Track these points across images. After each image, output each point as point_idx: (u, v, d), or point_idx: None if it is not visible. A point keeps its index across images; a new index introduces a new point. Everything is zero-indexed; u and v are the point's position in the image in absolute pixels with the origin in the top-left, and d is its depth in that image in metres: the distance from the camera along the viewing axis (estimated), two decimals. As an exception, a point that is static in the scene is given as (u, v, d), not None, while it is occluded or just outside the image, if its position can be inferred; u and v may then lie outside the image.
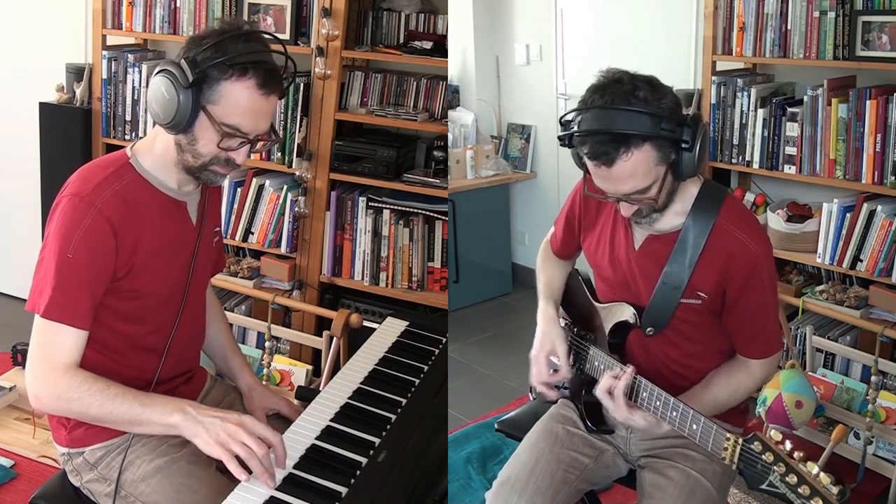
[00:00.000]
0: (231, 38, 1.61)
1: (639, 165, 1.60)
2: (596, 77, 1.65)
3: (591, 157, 1.62)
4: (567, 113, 1.68)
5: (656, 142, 1.59)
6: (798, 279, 3.31)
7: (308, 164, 3.19)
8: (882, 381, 2.84)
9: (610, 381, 1.71)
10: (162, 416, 1.56)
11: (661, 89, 1.62)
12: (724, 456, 1.52)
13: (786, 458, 1.42)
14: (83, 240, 1.59)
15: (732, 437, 1.51)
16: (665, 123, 1.59)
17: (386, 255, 3.26)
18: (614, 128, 1.58)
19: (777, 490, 1.43)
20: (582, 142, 1.62)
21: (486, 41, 4.79)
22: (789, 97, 3.28)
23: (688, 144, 1.61)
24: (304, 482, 1.54)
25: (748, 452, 1.47)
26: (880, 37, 2.87)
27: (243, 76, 1.59)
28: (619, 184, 1.64)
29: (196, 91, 1.60)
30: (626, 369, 1.71)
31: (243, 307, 3.44)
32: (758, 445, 1.45)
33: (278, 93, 1.65)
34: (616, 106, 1.58)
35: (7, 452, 2.92)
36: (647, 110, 1.58)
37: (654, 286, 1.77)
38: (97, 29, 3.46)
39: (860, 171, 2.96)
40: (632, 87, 1.60)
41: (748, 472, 1.47)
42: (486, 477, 2.94)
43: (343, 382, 1.88)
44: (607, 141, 1.58)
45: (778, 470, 1.42)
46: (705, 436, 1.56)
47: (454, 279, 4.43)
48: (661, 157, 1.62)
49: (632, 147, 1.58)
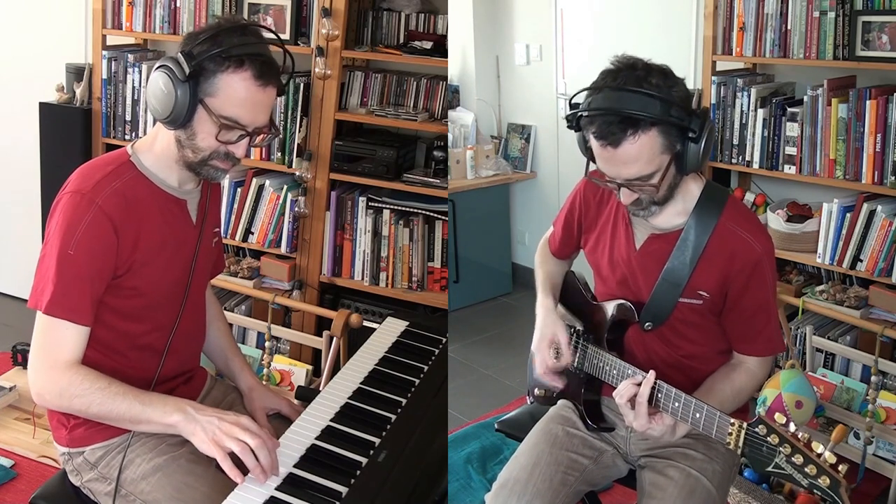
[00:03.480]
0: (227, 31, 1.62)
1: (644, 149, 1.60)
2: (610, 61, 1.65)
3: (597, 136, 1.61)
4: (577, 93, 1.67)
5: (664, 128, 1.60)
6: (798, 279, 3.31)
7: (308, 164, 3.19)
8: (882, 381, 2.84)
9: (631, 388, 1.66)
10: (162, 416, 1.57)
11: (673, 78, 1.63)
12: (729, 441, 1.52)
13: (791, 439, 1.43)
14: (84, 237, 1.60)
15: (737, 422, 1.51)
16: (675, 110, 1.59)
17: (386, 255, 3.26)
18: (624, 109, 1.58)
19: (784, 471, 1.43)
20: (590, 121, 1.62)
21: (486, 41, 4.79)
22: (789, 97, 3.28)
23: (695, 135, 1.61)
24: (304, 482, 1.54)
25: (753, 436, 1.47)
26: (880, 37, 2.87)
27: (239, 68, 1.60)
28: (622, 167, 1.63)
29: (193, 84, 1.60)
30: (646, 376, 1.66)
31: (243, 307, 3.44)
32: (762, 428, 1.46)
33: (275, 85, 1.66)
34: (627, 87, 1.59)
35: (7, 452, 2.92)
36: (658, 94, 1.58)
37: (653, 283, 1.77)
38: (97, 29, 3.46)
39: (860, 171, 2.96)
40: (645, 72, 1.60)
41: (753, 456, 1.47)
42: (486, 477, 2.94)
43: (343, 382, 1.88)
44: (616, 122, 1.58)
45: (784, 451, 1.42)
46: (709, 423, 1.56)
47: (454, 279, 4.43)
48: (668, 144, 1.62)
49: (640, 130, 1.58)
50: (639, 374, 1.71)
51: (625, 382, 1.68)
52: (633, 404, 1.66)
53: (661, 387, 1.65)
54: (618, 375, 1.78)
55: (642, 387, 1.64)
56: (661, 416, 1.65)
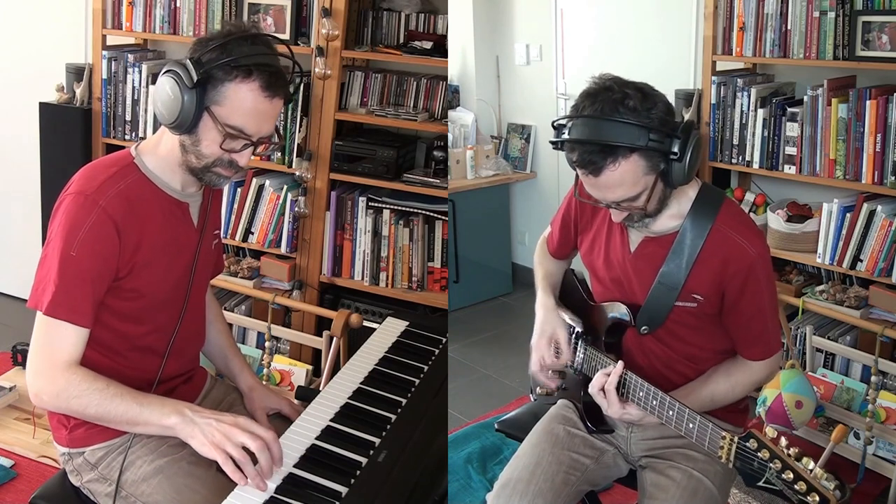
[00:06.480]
0: (236, 40, 1.61)
1: (626, 175, 1.61)
2: (588, 83, 1.65)
3: (579, 165, 1.63)
4: (559, 119, 1.69)
5: (645, 152, 1.60)
6: (798, 279, 3.31)
7: (308, 164, 3.19)
8: (882, 381, 2.84)
9: (601, 378, 1.74)
10: (160, 418, 1.57)
11: (651, 98, 1.61)
12: (721, 454, 1.52)
13: (781, 454, 1.43)
14: (87, 238, 1.60)
15: (728, 435, 1.51)
16: (653, 135, 1.58)
17: (386, 255, 3.26)
18: (602, 138, 1.58)
19: (774, 487, 1.43)
20: (571, 149, 1.63)
21: (486, 41, 4.79)
22: (789, 97, 3.28)
23: (677, 155, 1.61)
24: (304, 482, 1.54)
25: (744, 450, 1.48)
26: (880, 37, 2.87)
27: (248, 78, 1.60)
28: (607, 192, 1.65)
29: (200, 91, 1.60)
30: (615, 365, 1.73)
31: (243, 307, 3.44)
32: (753, 443, 1.46)
33: (283, 96, 1.65)
34: (604, 116, 1.58)
35: (7, 452, 2.92)
36: (635, 121, 1.58)
37: (649, 287, 1.77)
38: (97, 29, 3.46)
39: (860, 171, 2.96)
40: (622, 95, 1.59)
41: (745, 470, 1.48)
42: (486, 477, 2.94)
43: (343, 382, 1.88)
44: (595, 151, 1.59)
45: (774, 467, 1.43)
46: (701, 434, 1.57)
47: (454, 279, 4.43)
48: (650, 166, 1.62)
49: (619, 157, 1.59)
50: (612, 365, 1.77)
51: (598, 374, 1.76)
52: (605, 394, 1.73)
53: (629, 377, 1.72)
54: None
55: (611, 376, 1.72)
56: (631, 403, 1.72)
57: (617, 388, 1.72)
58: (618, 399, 1.72)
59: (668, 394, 1.66)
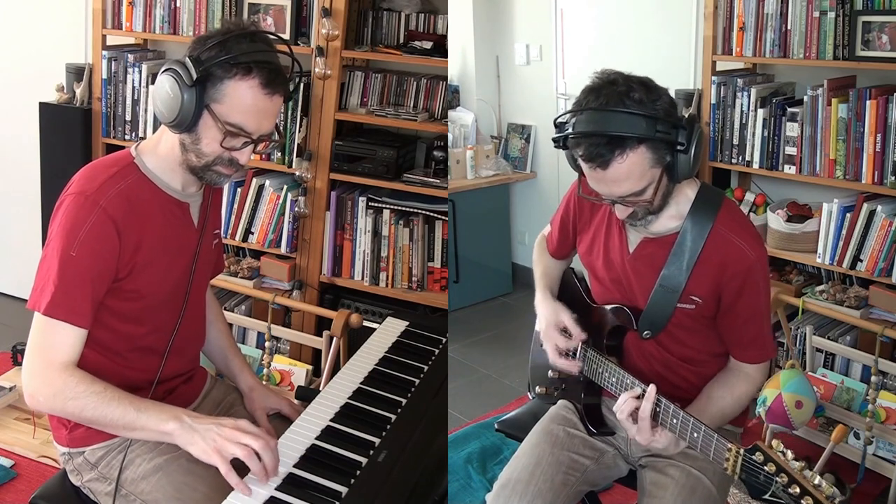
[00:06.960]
0: (235, 38, 1.61)
1: (634, 168, 1.60)
2: (591, 79, 1.65)
3: (586, 159, 1.61)
4: (561, 115, 1.68)
5: (651, 144, 1.59)
6: (798, 279, 3.31)
7: (308, 164, 3.19)
8: (882, 381, 2.84)
9: (632, 403, 1.66)
10: (158, 424, 1.56)
11: (655, 91, 1.62)
12: (727, 466, 1.50)
13: (788, 468, 1.41)
14: (87, 238, 1.59)
15: (734, 447, 1.48)
16: (660, 125, 1.58)
17: (386, 255, 3.26)
18: (609, 130, 1.57)
19: (780, 501, 1.41)
20: (577, 144, 1.62)
21: (486, 41, 4.79)
22: (789, 97, 3.28)
23: (683, 146, 1.60)
24: (304, 482, 1.54)
25: (750, 463, 1.45)
26: (880, 37, 2.87)
27: (247, 75, 1.59)
28: (614, 186, 1.64)
29: (200, 89, 1.60)
30: (646, 389, 1.65)
31: (243, 307, 3.44)
32: (759, 456, 1.44)
33: (282, 93, 1.65)
34: (611, 108, 1.58)
35: (7, 452, 2.92)
36: (642, 112, 1.57)
37: (648, 288, 1.77)
38: (97, 29, 3.46)
39: (860, 171, 2.96)
40: (626, 88, 1.59)
41: (751, 482, 1.45)
42: (486, 477, 2.94)
43: (343, 382, 1.88)
44: (602, 143, 1.58)
45: (780, 481, 1.41)
46: (706, 445, 1.55)
47: (454, 279, 4.43)
48: (657, 158, 1.61)
49: (627, 149, 1.58)
50: (637, 385, 1.70)
51: (624, 396, 1.68)
52: (634, 418, 1.65)
53: (660, 402, 1.64)
54: (617, 384, 1.78)
55: (644, 402, 1.64)
56: (662, 429, 1.64)
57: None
58: (650, 426, 1.65)
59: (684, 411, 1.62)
